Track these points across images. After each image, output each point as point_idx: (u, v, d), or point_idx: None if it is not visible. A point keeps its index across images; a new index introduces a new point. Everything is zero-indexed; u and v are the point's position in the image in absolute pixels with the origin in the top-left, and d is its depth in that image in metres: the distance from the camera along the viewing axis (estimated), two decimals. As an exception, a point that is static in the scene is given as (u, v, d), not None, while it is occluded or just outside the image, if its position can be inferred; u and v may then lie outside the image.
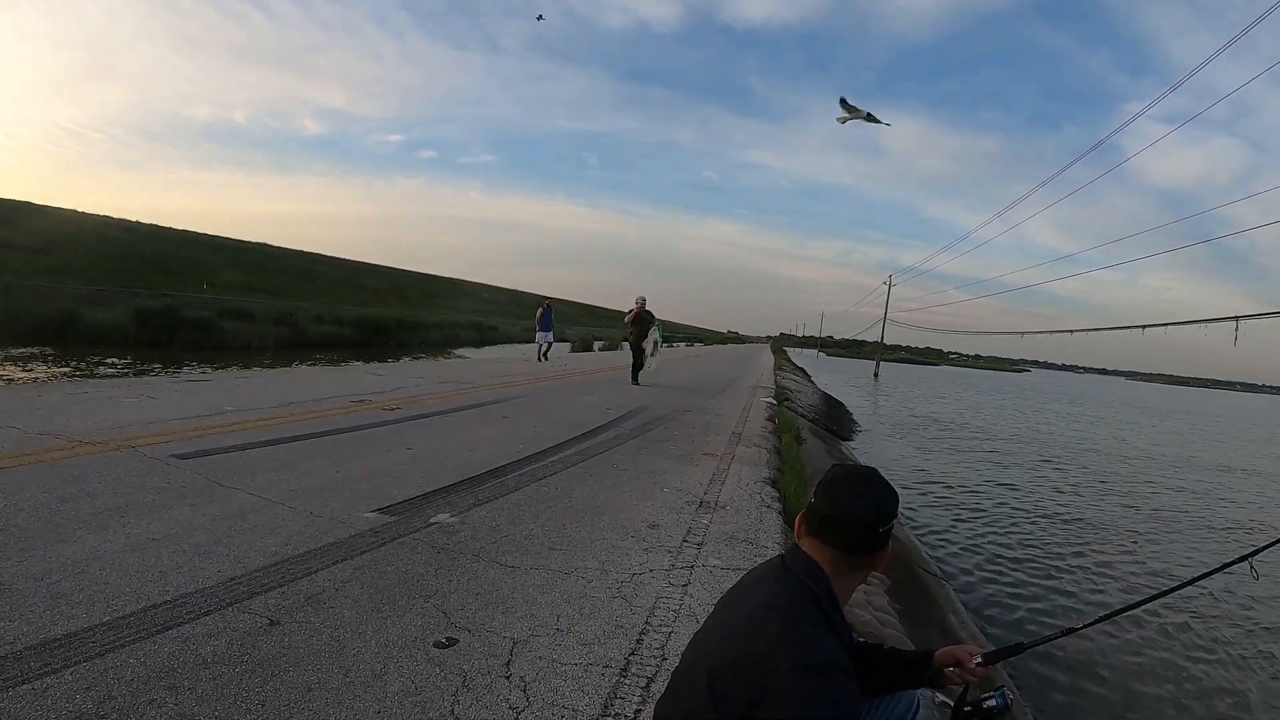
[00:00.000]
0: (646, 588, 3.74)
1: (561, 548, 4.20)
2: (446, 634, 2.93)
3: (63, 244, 44.46)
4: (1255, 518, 14.79)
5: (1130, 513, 13.64)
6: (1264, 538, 4.99)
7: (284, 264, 77.03)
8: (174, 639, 2.64)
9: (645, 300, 16.24)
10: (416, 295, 78.65)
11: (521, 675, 2.68)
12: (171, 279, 41.78)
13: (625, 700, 2.60)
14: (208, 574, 3.25)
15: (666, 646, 3.05)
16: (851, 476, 1.68)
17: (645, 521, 4.96)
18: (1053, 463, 19.60)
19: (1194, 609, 7.85)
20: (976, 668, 1.84)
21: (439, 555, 3.83)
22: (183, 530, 3.77)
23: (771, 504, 5.95)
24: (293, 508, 4.36)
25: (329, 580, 3.34)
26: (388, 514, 4.45)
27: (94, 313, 22.48)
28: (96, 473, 4.65)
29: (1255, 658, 6.89)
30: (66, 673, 2.35)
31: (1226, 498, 17.05)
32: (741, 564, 4.27)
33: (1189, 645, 6.95)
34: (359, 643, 2.77)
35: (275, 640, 2.72)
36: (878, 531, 1.60)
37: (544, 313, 21.03)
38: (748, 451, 8.39)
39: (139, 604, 2.89)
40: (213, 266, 55.01)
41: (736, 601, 1.68)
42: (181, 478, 4.73)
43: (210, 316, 25.19)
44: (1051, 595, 8.04)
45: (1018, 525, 11.35)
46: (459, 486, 5.32)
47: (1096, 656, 6.30)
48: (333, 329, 31.51)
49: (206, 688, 2.36)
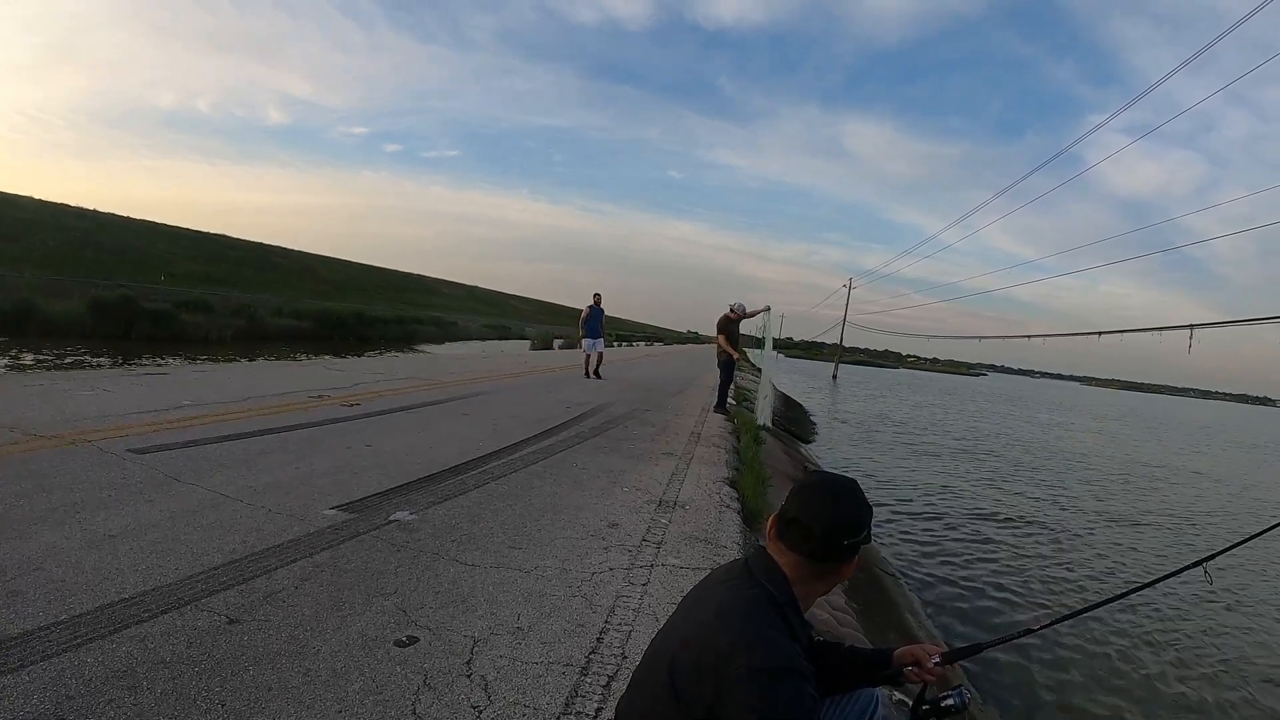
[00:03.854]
0: (606, 586, 3.79)
1: (522, 546, 4.23)
2: (407, 632, 2.95)
3: (20, 232, 43.14)
4: (1204, 518, 15.25)
5: (1079, 513, 14.00)
6: (1217, 541, 5.18)
7: (243, 255, 75.55)
8: (132, 638, 2.64)
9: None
10: (377, 289, 77.71)
11: (483, 674, 2.71)
12: (130, 269, 40.78)
13: (586, 699, 2.64)
14: (165, 571, 3.23)
15: (626, 645, 3.10)
16: (825, 484, 1.68)
17: (605, 520, 5.01)
18: (1010, 465, 20.04)
19: (1150, 611, 8.10)
20: (935, 667, 1.88)
21: (399, 553, 3.84)
22: (140, 527, 3.74)
23: (730, 504, 6.03)
24: (251, 504, 4.33)
25: (288, 578, 3.33)
26: (347, 511, 4.44)
27: (50, 303, 21.86)
28: (52, 467, 4.57)
29: (1210, 659, 7.12)
30: (24, 672, 2.34)
31: (1170, 499, 17.57)
32: (701, 564, 4.34)
33: (1145, 646, 7.16)
34: (319, 641, 2.78)
35: (234, 639, 2.72)
36: (843, 543, 1.60)
37: (591, 313, 16.49)
38: (707, 451, 8.47)
39: (96, 602, 2.87)
40: (171, 257, 53.80)
41: (698, 602, 1.70)
42: (139, 473, 4.67)
43: (168, 308, 24.63)
44: (1008, 596, 8.24)
45: (974, 525, 11.60)
46: (419, 484, 5.32)
47: (1054, 657, 6.47)
48: (292, 322, 31.01)
49: (165, 687, 2.36)
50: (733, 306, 12.28)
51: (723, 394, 13.00)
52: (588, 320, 16.39)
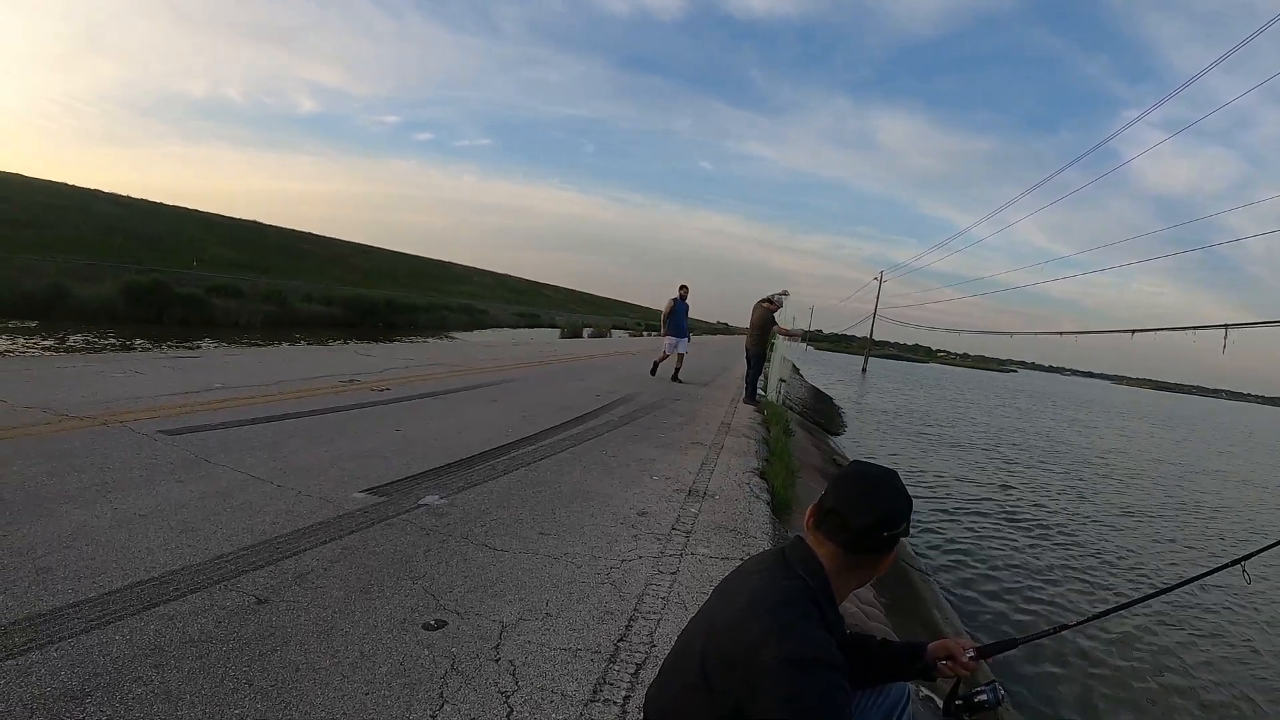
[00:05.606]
0: (635, 574, 3.74)
1: (551, 533, 4.19)
2: (435, 616, 2.92)
3: (51, 217, 43.95)
4: (1242, 521, 14.94)
5: (1114, 511, 13.75)
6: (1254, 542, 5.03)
7: (274, 242, 76.36)
8: (160, 616, 2.63)
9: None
10: (406, 276, 78.26)
11: (510, 659, 2.67)
12: (160, 255, 41.37)
13: (614, 686, 2.60)
14: (195, 551, 3.23)
15: (655, 633, 3.05)
16: (865, 475, 1.64)
17: (634, 509, 4.97)
18: (1037, 460, 19.76)
19: (1186, 610, 7.93)
20: (969, 661, 1.84)
21: (428, 537, 3.82)
22: (170, 507, 3.75)
23: (760, 494, 5.96)
24: (281, 486, 4.33)
25: (317, 560, 3.32)
26: (376, 494, 4.43)
27: (82, 287, 22.21)
28: (84, 447, 4.60)
29: (1246, 659, 6.96)
30: (51, 649, 2.33)
31: (1207, 500, 17.22)
32: (730, 553, 4.29)
33: (1179, 646, 7.02)
34: (347, 623, 2.76)
35: (263, 619, 2.71)
36: (881, 535, 1.57)
37: (675, 308, 14.28)
38: (736, 442, 8.39)
39: (125, 580, 2.87)
40: (202, 243, 54.53)
41: (732, 590, 1.67)
42: (169, 454, 4.69)
43: (199, 293, 24.94)
44: (1035, 592, 8.11)
45: (1003, 522, 11.44)
46: (448, 469, 5.30)
47: (1085, 655, 6.36)
48: (322, 308, 31.29)
49: (193, 666, 2.34)
50: (772, 297, 12.18)
51: (752, 385, 12.88)
52: (671, 315, 14.23)
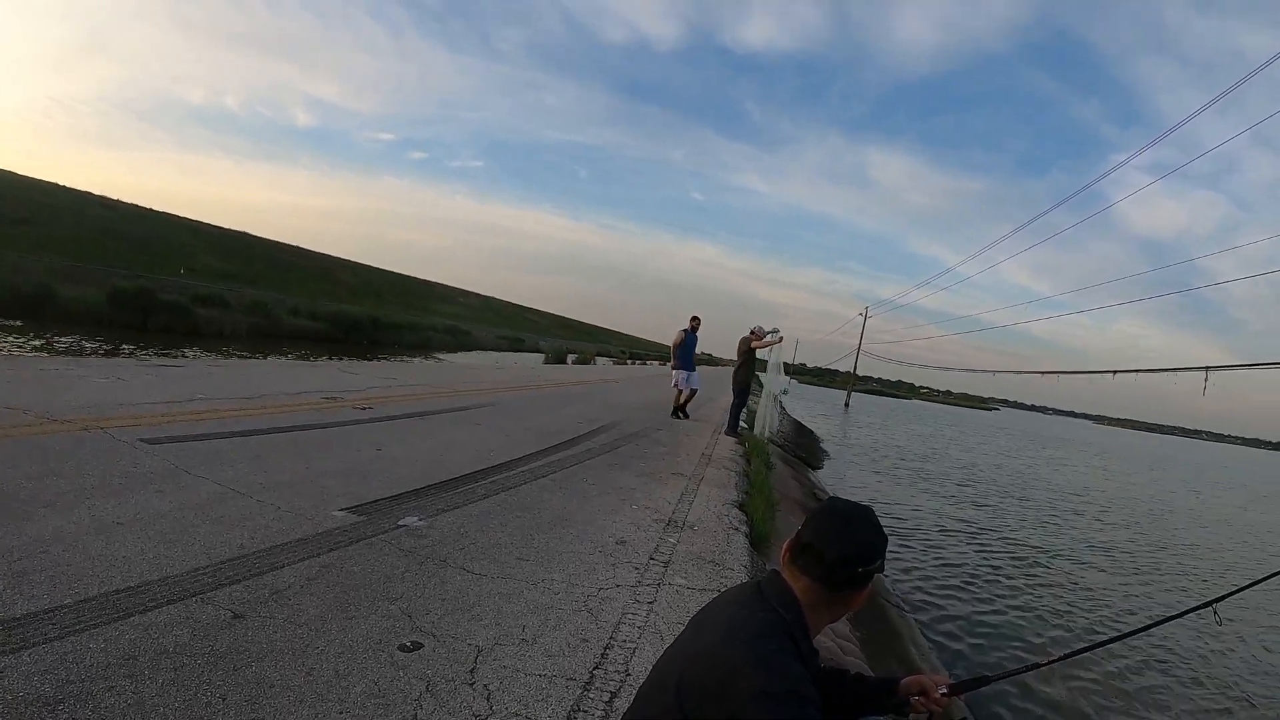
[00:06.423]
0: (612, 603, 3.75)
1: (529, 558, 4.20)
2: (411, 638, 2.92)
3: (43, 217, 43.68)
4: (1209, 559, 15.06)
5: (1088, 549, 13.84)
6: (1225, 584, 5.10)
7: (262, 253, 76.17)
8: (136, 626, 2.62)
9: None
10: (391, 294, 78.13)
11: (485, 683, 2.68)
12: (149, 260, 41.15)
13: (588, 714, 2.60)
14: (172, 562, 3.22)
15: (630, 662, 3.06)
16: (842, 510, 1.67)
17: (613, 537, 4.97)
18: (1013, 498, 19.86)
19: (1156, 651, 7.97)
20: (942, 697, 1.87)
21: (406, 558, 3.81)
22: (149, 516, 3.73)
23: (739, 527, 5.98)
24: (260, 501, 4.32)
25: (295, 577, 3.31)
26: (356, 513, 4.43)
27: (69, 289, 22.07)
28: (64, 452, 4.59)
29: (1216, 699, 7.01)
30: (25, 654, 2.33)
31: (1179, 537, 17.35)
32: (708, 585, 4.30)
33: (1151, 686, 7.05)
34: (323, 641, 2.76)
35: (239, 634, 2.70)
36: (856, 570, 1.60)
37: (685, 339, 13.59)
38: (717, 473, 8.41)
39: (101, 588, 2.86)
40: (191, 250, 54.29)
41: (707, 622, 1.68)
42: (150, 463, 4.68)
43: (184, 301, 24.82)
44: (1010, 630, 8.13)
45: (980, 557, 11.47)
46: (429, 490, 5.30)
47: (1057, 693, 6.37)
48: (307, 323, 31.20)
49: (167, 677, 2.34)
50: (754, 330, 12.30)
51: (735, 417, 12.93)
52: (680, 347, 13.52)
